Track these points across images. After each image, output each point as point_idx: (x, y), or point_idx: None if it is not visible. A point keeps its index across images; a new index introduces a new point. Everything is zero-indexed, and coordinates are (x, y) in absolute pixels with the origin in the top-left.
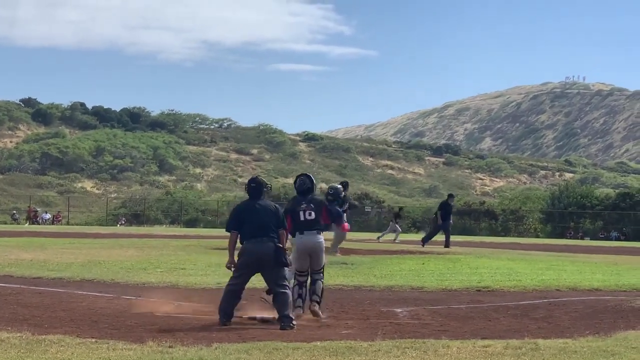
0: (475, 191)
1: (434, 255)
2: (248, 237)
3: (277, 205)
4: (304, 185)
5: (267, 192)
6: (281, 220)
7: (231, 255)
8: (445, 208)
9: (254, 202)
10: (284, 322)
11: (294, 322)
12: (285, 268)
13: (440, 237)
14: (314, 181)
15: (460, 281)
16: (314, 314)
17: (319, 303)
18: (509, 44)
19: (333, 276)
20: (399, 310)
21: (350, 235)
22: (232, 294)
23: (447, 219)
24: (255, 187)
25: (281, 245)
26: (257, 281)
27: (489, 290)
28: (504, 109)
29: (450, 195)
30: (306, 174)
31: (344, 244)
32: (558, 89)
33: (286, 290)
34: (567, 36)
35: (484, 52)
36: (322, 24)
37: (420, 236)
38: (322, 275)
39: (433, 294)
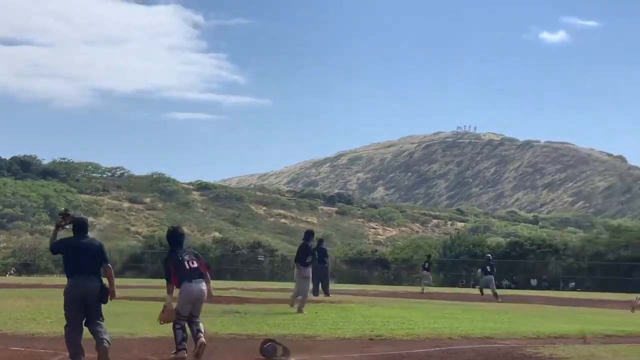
0: (368, 240)
1: (327, 304)
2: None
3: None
4: (181, 237)
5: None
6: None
7: None
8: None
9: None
10: None
11: None
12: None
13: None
14: (185, 235)
15: (354, 330)
16: (202, 345)
17: (202, 335)
18: (401, 93)
19: (226, 325)
20: (292, 359)
21: (243, 284)
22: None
23: (322, 263)
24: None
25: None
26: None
27: (382, 339)
28: (397, 158)
29: (320, 240)
30: (179, 227)
31: (235, 293)
32: (450, 138)
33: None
34: (459, 86)
35: (376, 101)
36: (216, 73)
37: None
38: (199, 321)
39: (326, 343)
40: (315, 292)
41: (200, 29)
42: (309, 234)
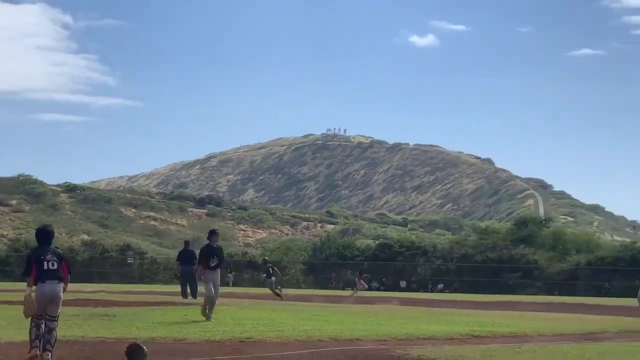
0: (238, 242)
1: (197, 307)
2: None
3: None
4: (49, 235)
5: None
6: None
7: None
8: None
9: None
10: None
11: None
12: None
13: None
14: (54, 233)
15: (223, 332)
16: None
17: (50, 352)
18: (271, 95)
19: (94, 329)
20: None
21: (112, 287)
22: None
23: (190, 265)
24: None
25: None
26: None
27: (252, 342)
28: (267, 160)
29: (187, 242)
30: (49, 225)
31: (103, 295)
32: (320, 141)
33: None
34: (329, 89)
35: (246, 103)
36: (86, 74)
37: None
38: (56, 323)
39: (196, 346)
40: (184, 295)
41: (70, 29)
42: (211, 233)
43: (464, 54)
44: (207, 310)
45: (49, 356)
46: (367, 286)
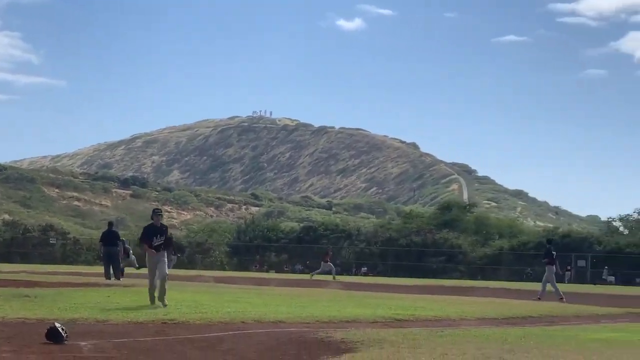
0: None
1: (120, 288)
2: None
3: None
4: None
5: None
6: None
7: None
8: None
9: None
10: None
11: None
12: None
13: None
14: None
15: (146, 314)
16: None
17: None
18: (196, 77)
19: (15, 309)
20: (84, 343)
21: (33, 267)
22: None
23: (114, 246)
24: None
25: None
26: None
27: (174, 323)
28: (192, 142)
29: (110, 223)
30: None
31: (25, 276)
32: (245, 123)
33: None
34: (255, 71)
35: (172, 84)
36: (8, 52)
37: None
38: None
39: (118, 327)
40: (107, 276)
41: None
42: (155, 212)
43: (390, 38)
44: (156, 299)
45: None
46: (332, 266)
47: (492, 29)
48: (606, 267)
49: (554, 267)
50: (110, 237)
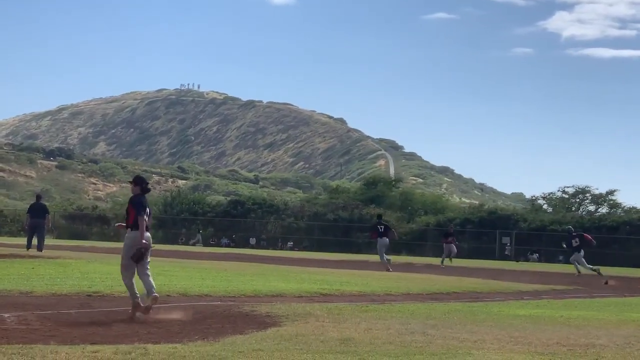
0: (88, 195)
1: (45, 260)
2: None
3: None
4: None
5: None
6: None
7: None
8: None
9: None
10: None
11: None
12: None
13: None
14: None
15: (71, 286)
16: None
17: None
18: (124, 48)
19: None
20: (7, 315)
21: None
22: None
23: (42, 218)
24: None
25: None
26: None
27: (99, 295)
28: (119, 114)
29: (38, 196)
30: None
31: None
32: (173, 96)
33: None
34: (182, 44)
35: (99, 55)
36: None
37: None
38: None
39: (42, 299)
40: (29, 246)
41: None
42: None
43: (320, 13)
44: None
45: None
46: (455, 251)
47: (421, 6)
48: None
49: (386, 238)
50: (37, 209)
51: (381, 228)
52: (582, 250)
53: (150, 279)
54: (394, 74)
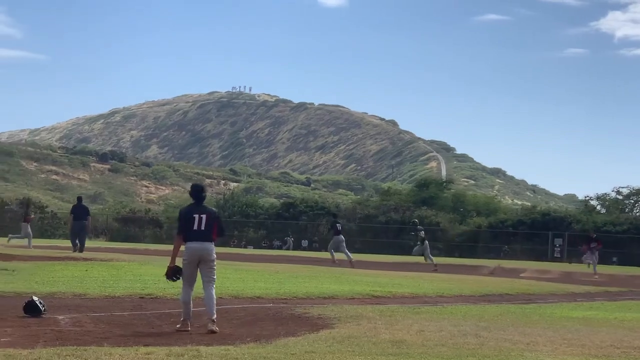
0: (141, 198)
1: (98, 262)
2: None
3: None
4: None
5: None
6: None
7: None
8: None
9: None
10: None
11: None
12: None
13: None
14: None
15: (124, 288)
16: None
17: None
18: (176, 51)
19: None
20: (61, 317)
21: (12, 240)
22: None
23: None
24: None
25: None
26: None
27: (152, 298)
28: (171, 117)
29: (79, 198)
30: None
31: (2, 250)
32: (225, 98)
33: None
34: (235, 46)
35: (151, 59)
36: None
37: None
38: None
39: (96, 301)
40: (75, 248)
41: None
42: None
43: (371, 15)
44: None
45: None
46: (594, 259)
47: (472, 8)
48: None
49: (341, 236)
50: (79, 211)
51: (339, 227)
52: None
53: (213, 291)
54: (445, 76)
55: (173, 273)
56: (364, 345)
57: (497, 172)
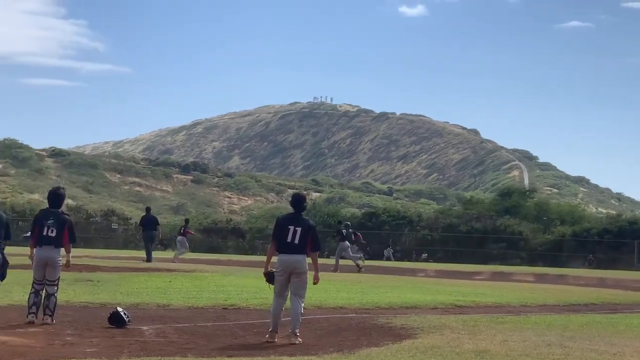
0: (223, 209)
1: (181, 273)
2: None
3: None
4: (54, 198)
5: None
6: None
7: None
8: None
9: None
10: None
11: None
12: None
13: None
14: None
15: (207, 299)
16: (45, 323)
17: (51, 316)
18: (257, 62)
19: (78, 293)
20: (145, 328)
21: (96, 252)
22: None
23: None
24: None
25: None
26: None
27: (235, 308)
28: (253, 127)
29: (148, 208)
30: (57, 187)
31: (87, 261)
32: (306, 109)
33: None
34: (316, 57)
35: (232, 70)
36: (74, 39)
37: (167, 254)
38: (56, 288)
39: (179, 312)
40: (149, 259)
41: None
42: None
43: (453, 24)
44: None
45: (49, 319)
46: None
47: (555, 15)
48: None
49: (346, 242)
50: (149, 222)
51: (344, 233)
52: None
53: (300, 305)
54: (526, 84)
55: (268, 278)
56: (447, 355)
57: (581, 181)
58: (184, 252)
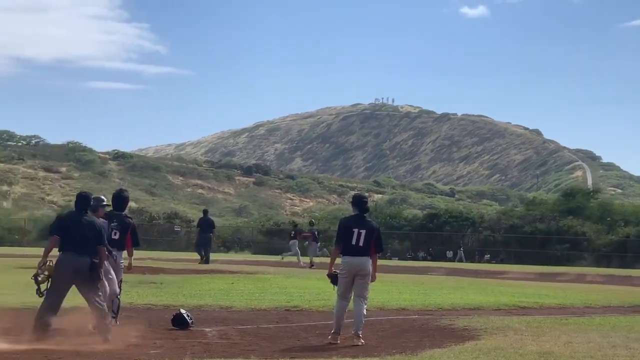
0: (285, 211)
1: (244, 275)
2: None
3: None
4: (118, 200)
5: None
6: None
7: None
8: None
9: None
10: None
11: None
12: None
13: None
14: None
15: (269, 300)
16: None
17: (115, 318)
18: (319, 64)
19: (142, 295)
20: (208, 329)
21: (159, 254)
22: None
23: (208, 232)
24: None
25: (97, 261)
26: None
27: (297, 310)
28: (314, 129)
29: (205, 210)
30: (121, 190)
31: (150, 263)
32: (368, 110)
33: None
34: (377, 58)
35: (294, 72)
36: (137, 42)
37: (229, 256)
38: (119, 290)
39: (242, 314)
40: (202, 260)
41: None
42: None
43: (514, 24)
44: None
45: (114, 322)
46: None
47: (618, 14)
48: None
49: (317, 243)
50: (206, 224)
51: (316, 233)
52: None
53: (363, 307)
54: (589, 84)
55: (332, 280)
56: (511, 356)
57: None
58: (292, 256)
